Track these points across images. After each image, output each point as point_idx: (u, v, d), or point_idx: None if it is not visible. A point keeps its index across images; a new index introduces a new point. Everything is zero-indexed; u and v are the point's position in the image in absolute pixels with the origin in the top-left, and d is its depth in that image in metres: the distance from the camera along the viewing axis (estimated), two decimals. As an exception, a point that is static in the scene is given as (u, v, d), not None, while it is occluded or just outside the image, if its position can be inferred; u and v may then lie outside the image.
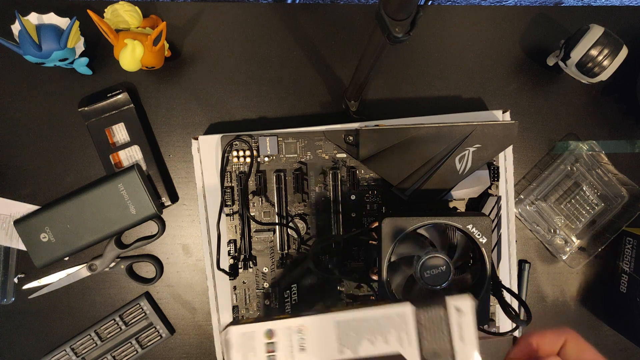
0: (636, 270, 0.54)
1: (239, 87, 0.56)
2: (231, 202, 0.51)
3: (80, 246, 0.52)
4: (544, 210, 0.57)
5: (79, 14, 0.50)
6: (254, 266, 0.52)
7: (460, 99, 0.57)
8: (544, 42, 0.57)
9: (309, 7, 0.56)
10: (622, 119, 0.58)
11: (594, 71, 0.50)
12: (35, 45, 0.47)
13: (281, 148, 0.51)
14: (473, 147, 0.48)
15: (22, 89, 0.55)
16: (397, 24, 0.31)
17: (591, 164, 0.56)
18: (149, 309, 0.55)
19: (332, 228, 0.51)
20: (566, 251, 0.57)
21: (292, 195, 0.51)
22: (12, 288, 0.55)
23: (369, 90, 0.56)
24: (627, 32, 0.57)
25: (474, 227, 0.43)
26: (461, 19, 0.57)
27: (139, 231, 0.56)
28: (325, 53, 0.56)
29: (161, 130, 0.56)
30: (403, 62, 0.57)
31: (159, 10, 0.55)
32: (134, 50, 0.48)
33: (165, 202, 0.54)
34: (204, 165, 0.52)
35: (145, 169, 0.54)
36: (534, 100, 0.57)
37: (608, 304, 0.58)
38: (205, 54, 0.56)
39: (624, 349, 0.58)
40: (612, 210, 0.57)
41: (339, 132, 0.50)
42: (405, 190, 0.49)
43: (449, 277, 0.42)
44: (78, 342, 0.54)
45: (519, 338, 0.33)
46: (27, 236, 0.52)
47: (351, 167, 0.51)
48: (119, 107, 0.53)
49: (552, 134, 0.57)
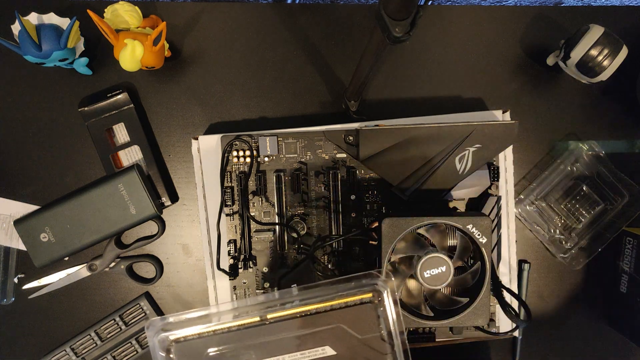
0: (636, 270, 0.54)
1: (239, 87, 0.56)
2: (231, 202, 0.51)
3: (80, 246, 0.52)
4: (544, 210, 0.57)
5: (79, 14, 0.50)
6: (254, 266, 0.52)
7: (460, 99, 0.57)
8: (544, 42, 0.57)
9: (309, 7, 0.56)
10: (622, 119, 0.58)
11: (594, 71, 0.50)
12: (35, 45, 0.47)
13: (281, 148, 0.51)
14: (473, 147, 0.48)
15: (22, 89, 0.55)
16: (397, 24, 0.31)
17: (591, 164, 0.56)
18: (149, 309, 0.55)
19: (332, 228, 0.51)
20: (566, 251, 0.57)
21: (292, 195, 0.51)
22: (12, 288, 0.55)
23: (369, 90, 0.56)
24: (627, 32, 0.57)
25: (474, 227, 0.43)
26: (461, 19, 0.57)
27: (139, 231, 0.56)
28: (325, 53, 0.56)
29: (161, 130, 0.56)
30: (403, 62, 0.57)
31: (159, 10, 0.55)
32: (134, 50, 0.48)
33: (165, 202, 0.54)
34: (204, 165, 0.52)
35: (145, 169, 0.54)
36: (534, 100, 0.57)
37: (608, 304, 0.58)
38: (205, 54, 0.56)
39: (624, 349, 0.58)
40: (612, 210, 0.57)
41: (339, 132, 0.50)
42: (405, 190, 0.49)
43: (449, 277, 0.42)
44: (78, 342, 0.54)
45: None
46: (27, 236, 0.52)
47: (351, 167, 0.51)
48: (119, 107, 0.53)
49: (552, 134, 0.57)
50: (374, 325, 0.34)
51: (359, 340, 0.33)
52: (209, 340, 0.33)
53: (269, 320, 0.33)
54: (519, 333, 0.56)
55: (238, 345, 0.33)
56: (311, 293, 0.33)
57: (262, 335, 0.33)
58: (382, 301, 0.33)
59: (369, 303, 0.33)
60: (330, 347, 0.33)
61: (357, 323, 0.33)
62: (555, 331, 0.58)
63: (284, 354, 0.33)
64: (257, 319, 0.33)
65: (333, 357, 0.33)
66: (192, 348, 0.33)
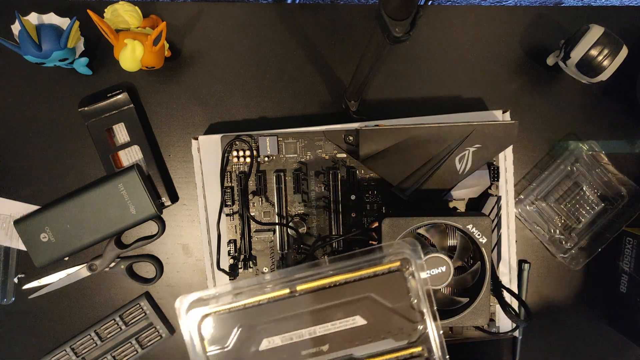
0: (636, 270, 0.54)
1: (239, 87, 0.56)
2: (231, 202, 0.51)
3: (80, 246, 0.52)
4: (544, 210, 0.57)
5: (79, 14, 0.50)
6: (254, 266, 0.52)
7: (460, 99, 0.57)
8: (544, 42, 0.57)
9: (309, 7, 0.56)
10: (622, 119, 0.58)
11: (594, 71, 0.50)
12: (35, 45, 0.47)
13: (281, 148, 0.51)
14: (473, 147, 0.48)
15: (22, 89, 0.55)
16: (397, 24, 0.31)
17: (591, 164, 0.56)
18: (149, 309, 0.55)
19: (332, 228, 0.51)
20: (566, 251, 0.57)
21: (292, 195, 0.51)
22: (12, 288, 0.55)
23: (369, 90, 0.56)
24: (627, 32, 0.57)
25: (474, 227, 0.43)
26: (461, 19, 0.57)
27: (139, 231, 0.56)
28: (325, 53, 0.56)
29: (161, 130, 0.56)
30: (403, 62, 0.57)
31: (159, 10, 0.55)
32: (134, 50, 0.48)
33: (165, 202, 0.54)
34: (204, 165, 0.52)
35: (145, 169, 0.54)
36: (534, 100, 0.57)
37: (608, 304, 0.58)
38: (205, 54, 0.56)
39: (624, 349, 0.58)
40: (612, 210, 0.57)
41: (339, 132, 0.50)
42: (405, 190, 0.49)
43: (449, 277, 0.42)
44: (78, 342, 0.54)
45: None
46: (27, 236, 0.52)
47: (351, 167, 0.51)
48: (119, 107, 0.53)
49: (552, 134, 0.57)
50: (403, 294, 0.34)
51: (389, 309, 0.33)
52: (239, 315, 0.33)
53: (298, 292, 0.33)
54: (519, 333, 0.56)
55: (268, 318, 0.33)
56: (340, 264, 0.33)
57: (292, 308, 0.33)
58: (411, 269, 0.33)
59: (397, 272, 0.33)
60: (361, 316, 0.33)
61: (386, 292, 0.33)
62: (555, 331, 0.58)
63: (315, 325, 0.33)
64: (286, 292, 0.33)
65: (363, 326, 0.33)
66: (222, 322, 0.33)
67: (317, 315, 0.33)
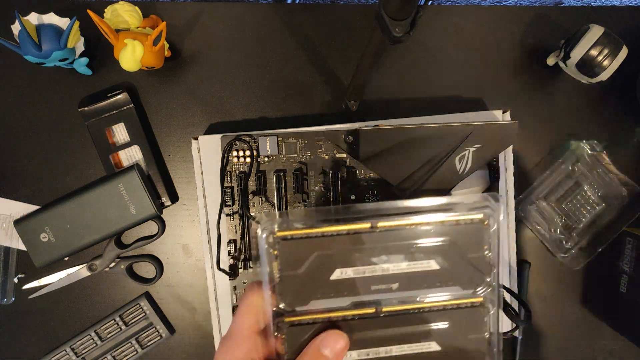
0: (636, 270, 0.54)
1: (239, 87, 0.56)
2: (231, 202, 0.51)
3: (80, 246, 0.52)
4: (544, 210, 0.57)
5: (79, 14, 0.50)
6: (254, 266, 0.52)
7: (460, 99, 0.57)
8: (544, 42, 0.57)
9: (309, 7, 0.56)
10: (622, 119, 0.58)
11: (594, 71, 0.50)
12: (35, 45, 0.47)
13: (281, 148, 0.51)
14: (473, 147, 0.48)
15: (22, 89, 0.55)
16: (397, 24, 0.31)
17: (592, 164, 0.56)
18: (149, 309, 0.55)
19: (332, 228, 0.51)
20: (566, 251, 0.57)
21: (292, 195, 0.51)
22: (12, 288, 0.55)
23: (369, 90, 0.56)
24: (627, 32, 0.57)
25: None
26: (461, 19, 0.57)
27: (139, 231, 0.56)
28: (325, 53, 0.56)
29: (161, 130, 0.56)
30: (403, 62, 0.57)
31: (159, 10, 0.55)
32: (134, 50, 0.48)
33: (165, 202, 0.54)
34: (204, 165, 0.52)
35: (145, 169, 0.54)
36: (534, 100, 0.57)
37: (608, 304, 0.58)
38: (205, 54, 0.56)
39: (624, 349, 0.58)
40: (612, 210, 0.57)
41: (339, 132, 0.50)
42: (405, 190, 0.49)
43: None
44: (78, 342, 0.54)
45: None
46: (27, 236, 0.52)
47: (351, 167, 0.51)
48: (119, 107, 0.53)
49: (553, 133, 0.57)
50: (480, 247, 0.34)
51: (464, 258, 0.33)
52: (317, 242, 0.32)
53: (379, 228, 0.33)
54: (519, 333, 0.56)
55: (344, 249, 0.32)
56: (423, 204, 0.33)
57: (370, 243, 0.33)
58: (491, 224, 0.34)
59: (479, 224, 0.33)
60: (435, 261, 0.33)
61: (465, 241, 0.33)
62: (555, 331, 0.58)
63: (389, 263, 0.33)
64: (367, 226, 0.33)
65: (435, 271, 0.33)
66: (298, 247, 0.32)
67: (393, 253, 0.32)
